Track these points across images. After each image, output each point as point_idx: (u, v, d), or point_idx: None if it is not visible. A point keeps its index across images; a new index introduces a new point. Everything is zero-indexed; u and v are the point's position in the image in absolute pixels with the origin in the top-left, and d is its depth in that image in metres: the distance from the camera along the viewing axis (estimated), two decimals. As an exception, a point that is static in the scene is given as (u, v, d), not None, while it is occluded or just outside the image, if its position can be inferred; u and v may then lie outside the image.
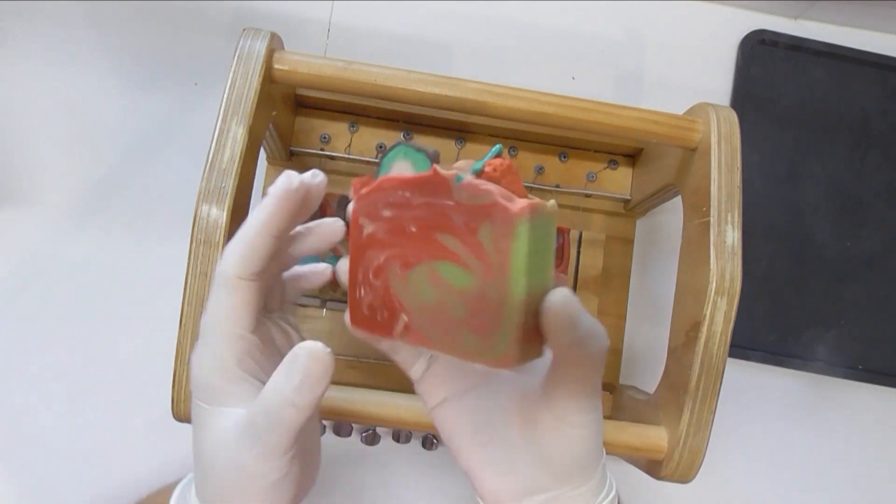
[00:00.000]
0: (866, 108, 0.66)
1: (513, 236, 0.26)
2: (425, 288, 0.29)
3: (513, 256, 0.26)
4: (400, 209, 0.30)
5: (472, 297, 0.28)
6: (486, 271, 0.27)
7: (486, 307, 0.28)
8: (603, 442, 0.34)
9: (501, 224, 0.27)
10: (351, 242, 0.31)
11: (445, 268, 0.29)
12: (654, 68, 0.67)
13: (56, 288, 0.59)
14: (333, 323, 0.58)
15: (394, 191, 0.30)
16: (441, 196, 0.28)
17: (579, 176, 0.60)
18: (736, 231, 0.43)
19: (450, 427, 0.34)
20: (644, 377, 0.62)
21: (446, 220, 0.28)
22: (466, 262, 0.28)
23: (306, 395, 0.28)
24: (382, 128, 0.59)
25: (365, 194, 0.31)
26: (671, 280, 0.48)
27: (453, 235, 0.28)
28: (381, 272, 0.31)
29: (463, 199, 0.28)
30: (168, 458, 0.57)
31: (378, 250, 0.31)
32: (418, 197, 0.29)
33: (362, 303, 0.32)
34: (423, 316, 0.30)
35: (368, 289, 0.31)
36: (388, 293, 0.30)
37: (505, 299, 0.27)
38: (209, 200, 0.41)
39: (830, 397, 0.64)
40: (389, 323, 0.31)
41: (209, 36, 0.63)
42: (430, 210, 0.29)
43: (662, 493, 0.61)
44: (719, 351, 0.42)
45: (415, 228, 0.29)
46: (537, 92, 0.46)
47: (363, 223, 0.31)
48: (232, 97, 0.43)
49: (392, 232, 0.30)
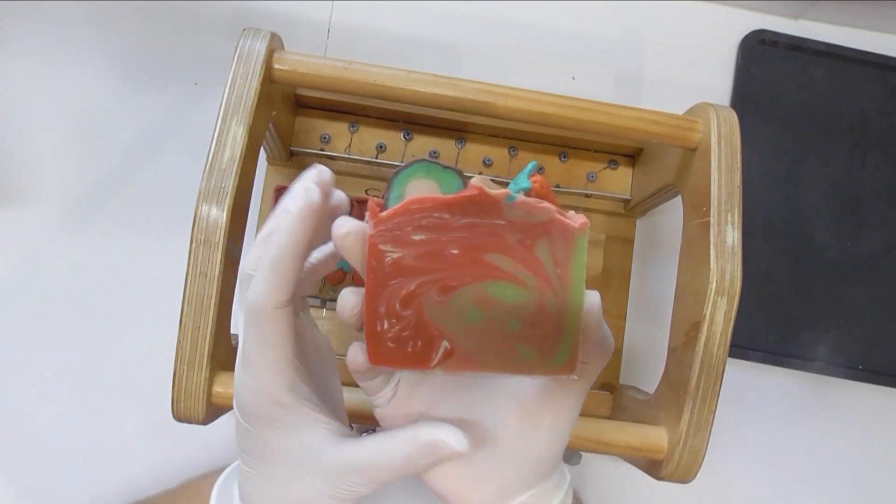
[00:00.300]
0: (866, 108, 0.66)
1: (574, 249, 0.29)
2: (471, 310, 0.29)
3: (573, 268, 0.29)
4: (436, 232, 0.28)
5: (528, 311, 0.29)
6: (543, 285, 0.29)
7: (546, 319, 0.29)
8: (602, 442, 0.34)
9: (561, 239, 0.29)
10: (368, 273, 0.28)
11: (496, 287, 0.29)
12: (654, 68, 0.67)
13: (56, 288, 0.59)
14: (333, 323, 0.58)
15: (427, 212, 0.28)
16: (489, 216, 0.28)
17: (579, 176, 0.60)
18: (736, 231, 0.43)
19: None
20: (644, 377, 0.62)
21: (496, 239, 0.28)
22: (521, 278, 0.28)
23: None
24: (382, 128, 0.59)
25: (387, 217, 0.28)
26: (671, 280, 0.48)
27: (505, 254, 0.28)
28: (412, 301, 0.29)
29: (517, 218, 0.28)
30: (168, 458, 0.57)
31: (407, 278, 0.28)
32: (460, 218, 0.28)
33: (384, 336, 0.29)
34: (469, 338, 0.29)
35: (395, 320, 0.29)
36: (423, 321, 0.29)
37: (566, 308, 0.29)
38: (209, 200, 0.41)
39: (830, 397, 0.64)
40: (425, 353, 0.29)
41: (209, 36, 0.63)
42: (476, 230, 0.28)
43: (662, 494, 0.61)
44: (719, 351, 0.42)
45: (457, 251, 0.28)
46: (537, 92, 0.46)
47: (386, 250, 0.28)
48: (232, 97, 0.43)
49: (426, 257, 0.28)
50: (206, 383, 0.41)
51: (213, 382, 0.42)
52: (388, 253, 0.28)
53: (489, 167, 0.59)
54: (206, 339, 0.41)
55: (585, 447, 0.44)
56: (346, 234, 0.29)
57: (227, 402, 0.42)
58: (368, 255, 0.28)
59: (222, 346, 0.43)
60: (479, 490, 0.33)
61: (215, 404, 0.42)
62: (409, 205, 0.28)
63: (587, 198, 0.61)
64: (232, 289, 0.44)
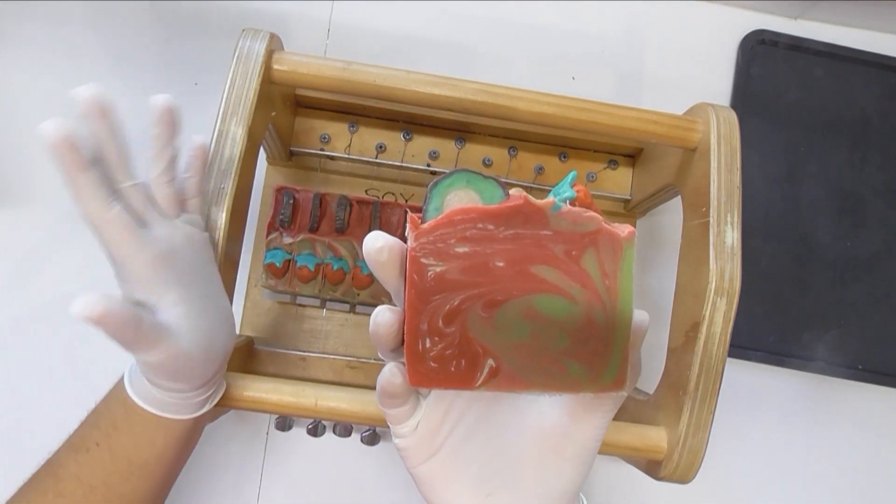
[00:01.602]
0: (866, 108, 0.66)
1: (622, 260, 0.28)
2: (517, 325, 0.28)
3: (622, 279, 0.28)
4: (480, 243, 0.27)
5: (577, 326, 0.28)
6: (592, 298, 0.28)
7: (595, 333, 0.28)
8: (603, 442, 0.34)
9: (609, 249, 0.28)
10: (409, 289, 0.27)
11: (543, 300, 0.28)
12: (654, 68, 0.67)
13: (56, 288, 0.59)
14: (333, 323, 0.58)
15: (471, 223, 0.27)
16: (535, 226, 0.27)
17: (579, 176, 0.60)
18: (735, 231, 0.43)
19: (444, 483, 0.31)
20: (644, 377, 0.61)
21: (543, 250, 0.27)
22: (569, 291, 0.28)
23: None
24: (382, 128, 0.59)
25: (429, 229, 0.27)
26: (671, 280, 0.48)
27: (552, 266, 0.27)
28: (456, 316, 0.27)
29: (563, 228, 0.27)
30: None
31: (451, 292, 0.27)
32: (505, 229, 0.27)
33: (427, 355, 0.27)
34: (515, 356, 0.28)
35: (438, 338, 0.27)
36: (467, 339, 0.27)
37: (615, 321, 0.28)
38: (209, 200, 0.41)
39: (830, 397, 0.64)
40: (469, 372, 0.28)
41: (209, 36, 0.63)
42: (521, 242, 0.27)
43: (662, 494, 0.61)
44: (719, 351, 0.42)
45: (502, 263, 0.27)
46: (537, 92, 0.46)
47: (428, 263, 0.27)
48: (231, 97, 0.43)
49: (470, 270, 0.27)
50: (205, 383, 0.41)
51: (212, 382, 0.42)
52: (430, 267, 0.27)
53: (489, 167, 0.59)
54: (205, 339, 0.40)
55: (585, 447, 0.44)
56: (380, 248, 0.27)
57: (227, 402, 0.42)
58: (410, 269, 0.27)
59: (222, 346, 0.43)
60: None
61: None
62: (451, 216, 0.27)
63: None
64: (232, 289, 0.44)
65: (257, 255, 0.58)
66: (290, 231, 0.56)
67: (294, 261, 0.55)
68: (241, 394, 0.41)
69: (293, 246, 0.55)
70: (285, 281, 0.55)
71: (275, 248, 0.55)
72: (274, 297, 0.57)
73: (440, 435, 0.31)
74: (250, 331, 0.57)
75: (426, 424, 0.31)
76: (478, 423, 0.31)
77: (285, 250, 0.55)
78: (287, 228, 0.56)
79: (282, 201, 0.56)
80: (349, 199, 0.56)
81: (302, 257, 0.55)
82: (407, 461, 0.32)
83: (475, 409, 0.31)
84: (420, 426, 0.31)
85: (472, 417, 0.31)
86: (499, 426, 0.31)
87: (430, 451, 0.31)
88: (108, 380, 0.59)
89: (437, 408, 0.31)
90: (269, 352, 0.56)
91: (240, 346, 0.51)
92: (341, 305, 0.58)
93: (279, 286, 0.55)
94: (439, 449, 0.31)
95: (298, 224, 0.56)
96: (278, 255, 0.54)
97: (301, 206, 0.56)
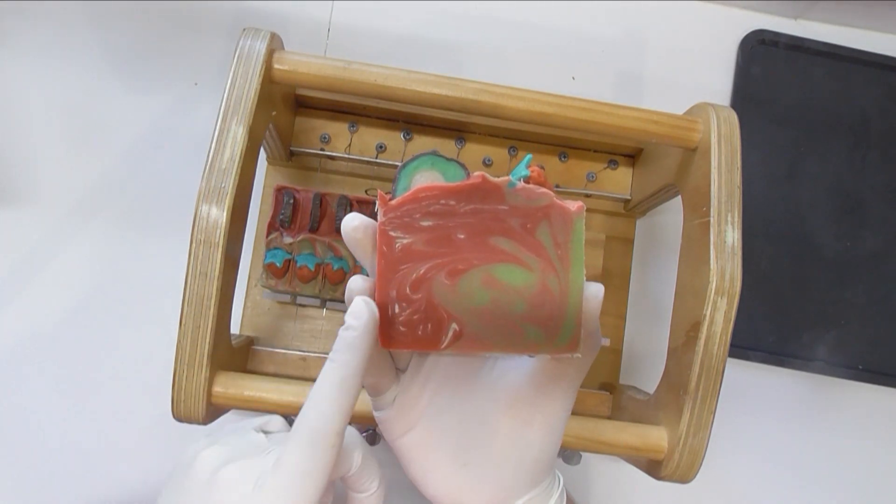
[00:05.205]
0: (866, 108, 0.66)
1: (572, 232, 0.30)
2: (479, 292, 0.30)
3: (573, 249, 0.30)
4: (443, 217, 0.30)
5: (533, 292, 0.30)
6: (546, 267, 0.30)
7: (550, 299, 0.30)
8: (602, 442, 0.34)
9: (560, 222, 0.30)
10: (379, 259, 0.30)
11: (502, 269, 0.30)
12: (654, 68, 0.67)
13: (56, 288, 0.59)
14: (333, 323, 0.58)
15: (434, 200, 0.30)
16: (492, 202, 0.30)
17: (579, 176, 0.60)
18: (736, 231, 0.43)
19: (422, 454, 0.33)
20: (644, 377, 0.62)
21: (500, 223, 0.30)
22: (525, 261, 0.30)
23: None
24: (382, 128, 0.59)
25: (396, 205, 0.30)
26: (671, 280, 0.48)
27: (509, 238, 0.30)
28: (421, 284, 0.30)
29: (518, 203, 0.30)
30: (168, 458, 0.57)
31: (417, 262, 0.30)
32: (465, 204, 0.30)
33: (396, 320, 0.30)
34: (477, 320, 0.30)
35: (406, 304, 0.30)
36: (432, 304, 0.30)
37: (568, 289, 0.30)
38: (209, 200, 0.41)
39: (830, 397, 0.64)
40: (435, 335, 0.30)
41: (209, 36, 0.63)
42: (480, 216, 0.30)
43: (662, 494, 0.61)
44: (719, 351, 0.42)
45: (463, 235, 0.30)
46: (537, 92, 0.46)
47: (396, 236, 0.30)
48: (232, 97, 0.43)
49: (434, 242, 0.30)
50: (205, 383, 0.41)
51: (212, 382, 0.42)
52: (398, 239, 0.30)
53: (489, 167, 0.59)
54: (206, 339, 0.41)
55: (585, 447, 0.44)
56: (356, 226, 0.30)
57: (227, 402, 0.42)
58: (379, 241, 0.30)
59: (222, 346, 0.43)
60: (476, 496, 0.33)
61: (215, 404, 0.42)
62: (417, 193, 0.30)
63: (587, 198, 0.60)
64: (232, 289, 0.44)
65: (257, 254, 0.58)
66: (291, 231, 0.56)
67: (294, 261, 0.55)
68: (241, 394, 0.41)
69: (293, 246, 0.55)
70: (285, 281, 0.55)
71: (275, 248, 0.55)
72: (274, 297, 0.57)
73: (417, 408, 0.33)
74: (250, 331, 0.57)
75: (403, 398, 0.33)
76: (452, 397, 0.33)
77: (285, 250, 0.55)
78: (287, 228, 0.56)
79: (282, 201, 0.55)
80: (349, 199, 0.56)
81: (302, 257, 0.55)
82: (387, 434, 0.34)
83: (450, 384, 0.33)
84: (397, 400, 0.33)
85: (447, 391, 0.33)
86: (472, 400, 0.33)
87: (409, 423, 0.33)
88: (108, 379, 0.59)
89: (413, 382, 0.33)
90: (269, 352, 0.56)
91: (240, 346, 0.51)
92: (341, 305, 0.58)
93: (279, 286, 0.55)
94: (417, 422, 0.33)
95: (299, 224, 0.56)
96: (278, 255, 0.54)
97: (301, 206, 0.56)
